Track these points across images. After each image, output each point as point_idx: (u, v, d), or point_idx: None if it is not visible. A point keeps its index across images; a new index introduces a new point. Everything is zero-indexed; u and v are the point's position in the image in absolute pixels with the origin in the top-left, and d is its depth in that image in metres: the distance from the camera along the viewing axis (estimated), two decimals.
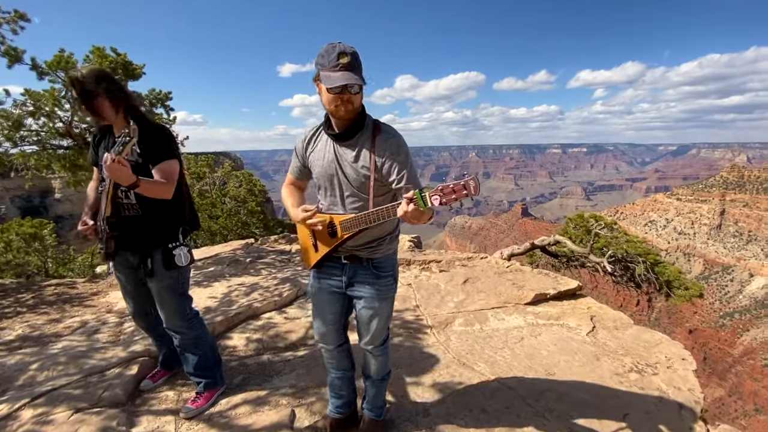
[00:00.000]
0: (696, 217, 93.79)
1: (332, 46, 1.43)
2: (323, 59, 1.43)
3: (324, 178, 1.65)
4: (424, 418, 2.13)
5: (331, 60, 1.41)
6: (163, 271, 2.01)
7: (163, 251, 1.99)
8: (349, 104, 1.47)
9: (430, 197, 1.26)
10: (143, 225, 1.98)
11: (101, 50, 4.21)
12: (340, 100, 1.46)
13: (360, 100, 1.52)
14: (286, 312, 3.56)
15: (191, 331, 2.20)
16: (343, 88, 1.42)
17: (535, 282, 4.03)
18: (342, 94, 1.44)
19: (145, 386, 2.47)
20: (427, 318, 3.34)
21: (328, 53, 1.42)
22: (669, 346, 2.89)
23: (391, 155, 1.54)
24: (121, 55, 4.28)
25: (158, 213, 1.98)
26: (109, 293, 4.20)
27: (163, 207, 1.97)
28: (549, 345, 2.92)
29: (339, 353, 1.93)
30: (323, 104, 1.53)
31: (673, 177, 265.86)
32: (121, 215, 1.96)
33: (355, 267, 1.72)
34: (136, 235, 1.99)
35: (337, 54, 1.40)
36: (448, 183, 1.24)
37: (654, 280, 4.87)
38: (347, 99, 1.45)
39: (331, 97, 1.46)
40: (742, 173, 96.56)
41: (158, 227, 2.00)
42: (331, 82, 1.41)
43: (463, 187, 1.21)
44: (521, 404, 2.21)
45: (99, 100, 1.82)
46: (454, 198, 1.23)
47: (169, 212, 2.01)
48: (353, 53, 1.42)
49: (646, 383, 2.44)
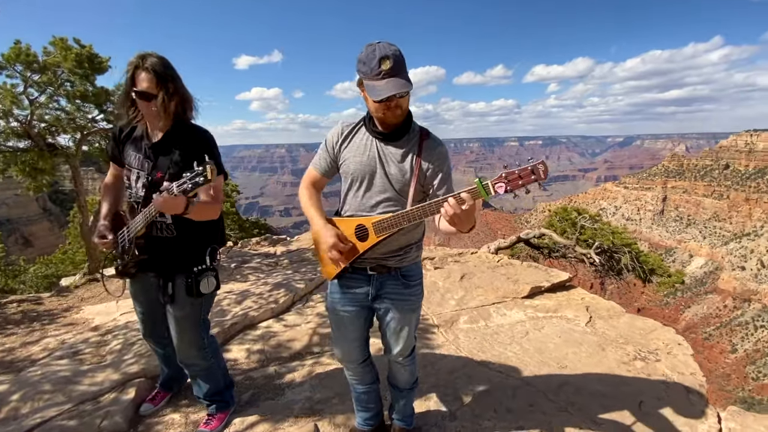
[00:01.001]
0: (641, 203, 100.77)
1: (372, 50, 1.32)
2: (364, 66, 1.33)
3: (361, 173, 1.53)
4: (451, 422, 2.12)
5: (373, 67, 1.31)
6: (185, 299, 1.79)
7: (187, 276, 1.77)
8: (397, 109, 1.41)
9: (494, 185, 1.18)
10: (174, 247, 1.76)
11: (64, 41, 3.77)
12: (388, 108, 1.38)
13: (407, 103, 1.44)
14: (284, 319, 3.43)
15: (205, 362, 2.01)
16: (391, 97, 1.33)
17: (528, 275, 4.13)
18: (390, 101, 1.36)
19: (146, 410, 2.26)
20: (432, 317, 3.32)
21: (369, 59, 1.32)
22: (663, 332, 3.05)
23: (438, 163, 1.50)
24: (86, 47, 3.86)
25: (193, 235, 1.76)
26: (83, 308, 3.86)
27: (200, 228, 1.75)
28: (554, 338, 2.99)
29: (363, 368, 1.84)
30: (369, 110, 1.45)
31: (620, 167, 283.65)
32: (152, 236, 1.74)
33: (383, 278, 1.63)
34: (164, 257, 1.77)
35: (378, 60, 1.30)
36: (513, 169, 1.17)
37: (639, 269, 5.17)
38: (395, 104, 1.38)
39: (378, 105, 1.38)
40: (682, 162, 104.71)
41: (186, 249, 1.78)
42: (376, 93, 1.31)
43: (531, 172, 1.15)
44: (544, 400, 2.25)
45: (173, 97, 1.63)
46: (520, 184, 1.16)
47: (204, 233, 1.80)
48: (396, 55, 1.31)
49: (651, 370, 2.56)
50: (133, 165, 1.75)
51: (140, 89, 1.60)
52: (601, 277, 6.04)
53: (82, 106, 4.02)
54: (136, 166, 1.74)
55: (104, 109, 4.14)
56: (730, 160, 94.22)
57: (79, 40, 3.89)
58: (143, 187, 1.70)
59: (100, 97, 3.96)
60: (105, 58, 4.03)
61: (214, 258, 1.86)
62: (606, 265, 5.44)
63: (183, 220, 1.65)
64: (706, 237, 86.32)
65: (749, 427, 2.04)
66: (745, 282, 71.22)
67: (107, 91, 4.02)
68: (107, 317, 3.58)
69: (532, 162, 1.16)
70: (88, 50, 3.84)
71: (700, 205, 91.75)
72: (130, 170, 1.76)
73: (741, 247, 77.50)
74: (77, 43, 3.87)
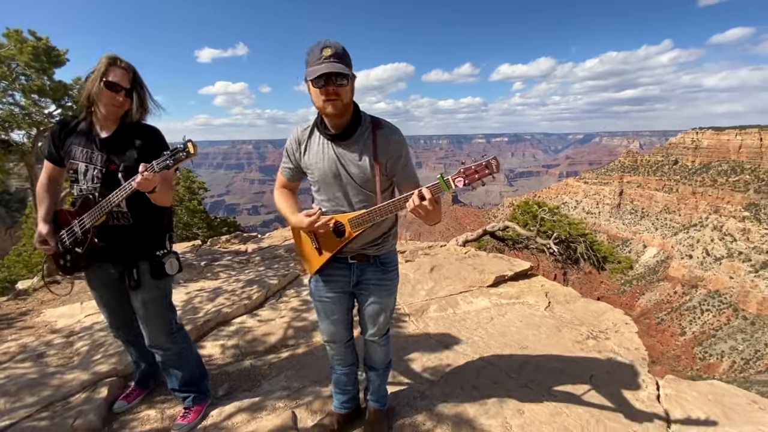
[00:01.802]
0: (600, 198, 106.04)
1: (317, 43, 1.41)
2: (309, 57, 1.41)
3: (326, 179, 1.61)
4: (422, 401, 2.25)
5: (315, 55, 1.39)
6: (151, 282, 1.87)
7: (151, 260, 1.85)
8: (337, 99, 1.42)
9: (453, 180, 1.29)
10: (131, 235, 1.82)
11: (18, 33, 3.57)
12: (327, 94, 1.41)
13: (349, 95, 1.47)
14: (258, 315, 3.46)
15: (175, 345, 2.06)
16: (327, 79, 1.38)
17: (493, 265, 4.35)
18: (328, 86, 1.39)
19: (120, 408, 2.26)
20: (404, 307, 3.46)
21: (312, 50, 1.40)
22: (613, 313, 3.34)
23: (396, 152, 1.57)
24: (43, 39, 3.68)
25: (148, 221, 1.84)
26: (43, 311, 3.71)
27: (153, 215, 1.84)
28: (516, 322, 3.21)
29: (347, 349, 1.96)
30: (315, 105, 1.49)
31: (581, 163, 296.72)
32: (108, 225, 1.78)
33: (363, 266, 1.74)
34: (121, 245, 1.82)
35: (320, 48, 1.38)
36: (470, 165, 1.28)
37: (593, 257, 5.55)
38: (334, 91, 1.40)
39: (318, 91, 1.41)
40: (636, 158, 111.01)
41: (146, 236, 1.85)
42: (314, 73, 1.36)
43: (485, 167, 1.27)
44: (506, 378, 2.44)
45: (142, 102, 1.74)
46: (477, 178, 1.27)
47: (159, 220, 1.88)
48: (337, 46, 1.39)
49: (601, 347, 2.82)
50: (79, 158, 1.76)
51: (113, 80, 1.66)
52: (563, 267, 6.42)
53: (39, 101, 3.84)
54: (83, 160, 1.76)
55: (62, 104, 3.97)
56: (679, 156, 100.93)
57: (34, 32, 3.69)
58: (96, 179, 1.74)
59: (59, 92, 3.80)
60: (63, 51, 3.85)
61: (172, 243, 1.96)
62: (564, 255, 5.82)
63: (138, 209, 1.77)
64: (658, 228, 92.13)
65: (683, 391, 2.30)
66: (692, 269, 76.66)
67: (66, 86, 3.86)
68: (71, 319, 3.48)
69: (486, 158, 1.29)
70: (44, 43, 3.66)
71: (653, 199, 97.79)
72: (76, 164, 1.77)
73: (689, 237, 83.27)
74: (32, 35, 3.68)
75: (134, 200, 1.72)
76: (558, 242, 5.64)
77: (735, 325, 64.50)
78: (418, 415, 2.14)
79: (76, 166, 1.76)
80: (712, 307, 68.80)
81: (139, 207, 1.77)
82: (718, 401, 2.21)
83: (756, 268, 69.59)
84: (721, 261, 74.03)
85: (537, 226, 5.80)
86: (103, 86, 1.67)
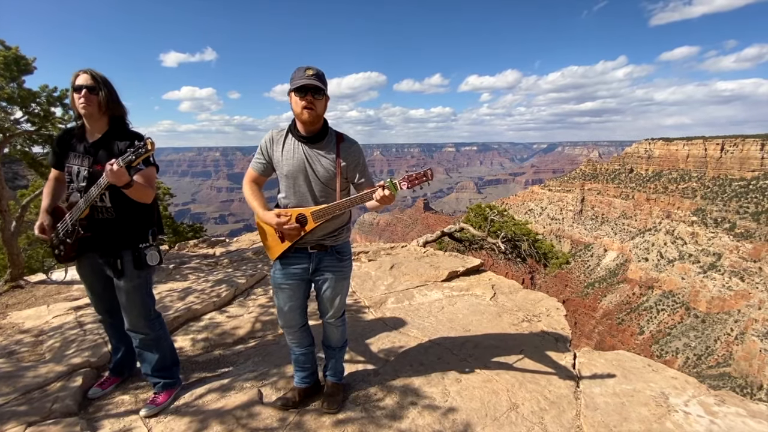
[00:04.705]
0: (563, 204, 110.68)
1: (302, 66, 1.83)
2: (295, 74, 1.82)
3: (294, 174, 1.94)
4: (375, 377, 2.57)
5: (300, 73, 1.80)
6: (133, 271, 2.10)
7: (134, 251, 2.08)
8: (313, 109, 1.80)
9: (399, 183, 1.72)
10: (115, 227, 2.06)
11: None
12: (305, 103, 1.77)
13: (322, 108, 1.86)
14: (227, 311, 3.68)
15: (153, 332, 2.28)
16: (307, 91, 1.76)
17: (448, 263, 4.75)
18: (307, 95, 1.77)
19: (94, 394, 2.43)
20: (364, 300, 3.78)
21: (298, 70, 1.82)
22: (548, 301, 3.79)
23: (354, 159, 1.97)
24: (12, 48, 3.76)
25: (131, 216, 2.08)
26: (9, 314, 3.76)
27: (135, 210, 2.08)
28: (463, 310, 3.59)
29: (302, 332, 2.24)
30: (294, 112, 1.87)
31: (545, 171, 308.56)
32: (95, 218, 2.03)
33: (321, 254, 2.06)
34: (107, 237, 2.06)
35: (305, 69, 1.81)
36: (412, 173, 1.70)
37: (535, 254, 6.08)
38: (311, 101, 1.78)
39: (298, 99, 1.78)
40: (596, 167, 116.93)
41: (129, 229, 2.09)
42: (296, 83, 1.77)
43: (423, 175, 1.70)
44: (449, 355, 2.79)
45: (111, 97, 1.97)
46: (416, 183, 1.70)
47: (141, 215, 2.12)
48: (318, 70, 1.82)
49: (533, 328, 3.24)
50: (74, 162, 2.04)
51: (77, 84, 1.92)
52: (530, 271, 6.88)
53: (6, 108, 3.90)
54: (76, 163, 2.03)
55: (29, 110, 4.04)
56: (634, 165, 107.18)
57: (3, 41, 3.77)
58: (84, 179, 2.00)
59: (27, 99, 3.88)
60: (31, 59, 3.93)
61: (155, 238, 2.20)
62: (513, 252, 6.34)
63: (120, 204, 2.02)
64: (617, 233, 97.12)
65: (594, 360, 2.74)
66: (648, 271, 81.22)
67: (34, 93, 3.94)
68: (38, 320, 3.56)
69: (423, 169, 1.71)
70: (14, 52, 3.73)
71: (611, 205, 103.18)
72: (71, 167, 2.04)
73: (644, 241, 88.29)
74: (1, 44, 3.76)
75: (116, 197, 1.99)
76: (505, 240, 6.17)
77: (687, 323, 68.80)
78: (371, 388, 2.45)
79: (71, 169, 2.03)
80: (667, 307, 73.11)
81: (121, 203, 2.02)
82: (620, 365, 2.66)
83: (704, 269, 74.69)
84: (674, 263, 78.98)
85: (488, 227, 6.31)
86: (73, 91, 1.94)
